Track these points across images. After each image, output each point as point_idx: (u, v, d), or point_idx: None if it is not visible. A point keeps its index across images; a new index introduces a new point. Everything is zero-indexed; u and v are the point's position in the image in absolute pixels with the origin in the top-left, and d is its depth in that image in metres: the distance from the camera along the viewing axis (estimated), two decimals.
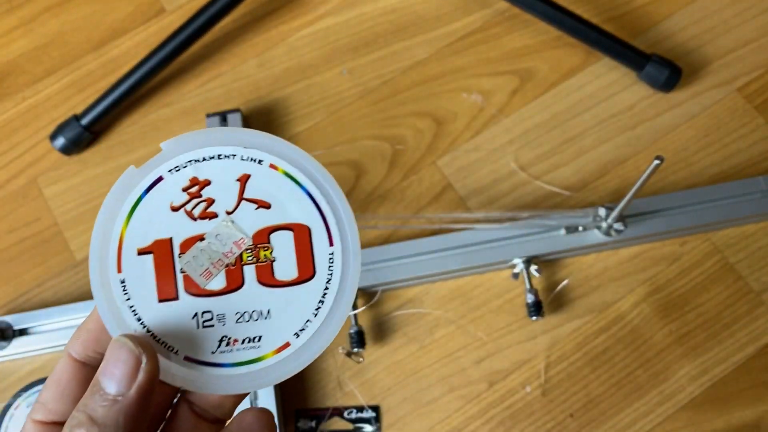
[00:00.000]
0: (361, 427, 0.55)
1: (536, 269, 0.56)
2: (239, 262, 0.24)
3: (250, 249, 0.24)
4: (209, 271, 0.24)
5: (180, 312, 0.24)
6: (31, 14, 0.74)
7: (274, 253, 0.24)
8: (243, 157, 0.24)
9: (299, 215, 0.24)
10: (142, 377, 0.22)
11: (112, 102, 0.65)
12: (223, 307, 0.24)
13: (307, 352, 0.24)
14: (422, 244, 0.58)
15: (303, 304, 0.24)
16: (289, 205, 0.24)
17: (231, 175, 0.24)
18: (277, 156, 0.24)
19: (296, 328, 0.24)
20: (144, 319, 0.24)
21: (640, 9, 0.68)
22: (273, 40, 0.70)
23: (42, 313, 0.59)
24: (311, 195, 0.25)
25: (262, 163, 0.24)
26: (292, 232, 0.24)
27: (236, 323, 0.24)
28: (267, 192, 0.24)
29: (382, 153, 0.64)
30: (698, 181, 0.60)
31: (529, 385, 0.55)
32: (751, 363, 0.55)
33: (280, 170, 0.24)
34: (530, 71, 0.66)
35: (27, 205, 0.66)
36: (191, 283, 0.24)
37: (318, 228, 0.25)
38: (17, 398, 0.57)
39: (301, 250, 0.24)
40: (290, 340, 0.24)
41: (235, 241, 0.24)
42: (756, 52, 0.65)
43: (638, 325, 0.56)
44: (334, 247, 0.25)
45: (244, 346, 0.24)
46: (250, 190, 0.24)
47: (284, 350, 0.24)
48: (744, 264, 0.57)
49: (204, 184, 0.24)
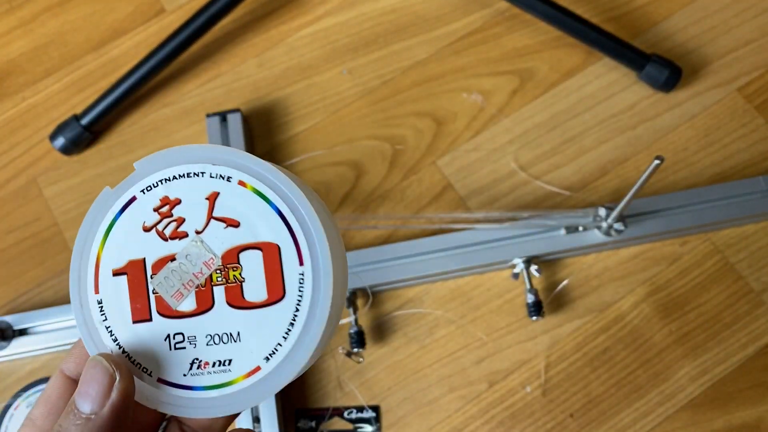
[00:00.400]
0: (361, 427, 0.55)
1: (536, 269, 0.56)
2: (209, 282, 0.23)
3: (220, 269, 0.24)
4: (180, 292, 0.24)
5: (153, 333, 0.24)
6: (31, 14, 0.74)
7: (244, 273, 0.23)
8: (212, 174, 0.24)
9: (268, 234, 0.23)
10: (115, 396, 0.22)
11: (112, 102, 0.65)
12: (194, 329, 0.24)
13: (278, 376, 0.24)
14: (422, 244, 0.58)
15: (273, 326, 0.23)
16: (258, 223, 0.23)
17: (200, 194, 0.24)
18: (246, 172, 0.24)
19: (266, 352, 0.24)
20: (120, 339, 0.24)
21: (640, 9, 0.68)
22: (273, 40, 0.70)
23: (42, 313, 0.59)
24: (281, 212, 0.24)
25: (231, 180, 0.24)
26: (261, 251, 0.23)
27: (207, 346, 0.24)
28: (236, 210, 0.24)
29: (382, 153, 0.64)
30: (698, 181, 0.60)
31: (529, 385, 0.55)
32: (751, 363, 0.55)
33: (249, 187, 0.24)
34: (530, 71, 0.66)
35: (27, 205, 0.66)
36: (163, 305, 0.24)
37: (287, 247, 0.23)
38: (17, 398, 0.57)
39: (271, 270, 0.23)
40: (260, 365, 0.24)
41: (204, 261, 0.23)
42: (756, 52, 0.65)
43: (638, 325, 0.56)
44: (304, 266, 0.23)
45: (215, 369, 0.24)
46: (219, 208, 0.24)
47: (255, 374, 0.24)
48: (744, 264, 0.57)
49: (174, 203, 0.24)
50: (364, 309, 0.58)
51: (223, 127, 0.63)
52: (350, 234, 0.60)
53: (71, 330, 0.58)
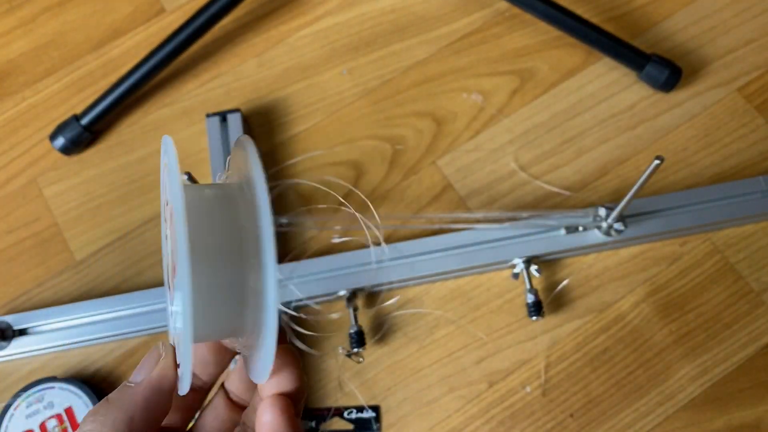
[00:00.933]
0: (362, 427, 0.55)
1: (536, 269, 0.56)
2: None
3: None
4: None
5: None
6: (31, 14, 0.74)
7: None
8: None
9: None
10: (155, 371, 0.26)
11: (112, 102, 0.65)
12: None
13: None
14: (422, 244, 0.58)
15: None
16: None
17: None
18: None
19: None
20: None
21: (640, 9, 0.68)
22: (273, 40, 0.70)
23: (42, 313, 0.59)
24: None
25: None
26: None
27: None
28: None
29: (382, 153, 0.64)
30: (698, 181, 0.60)
31: (529, 385, 0.55)
32: (751, 363, 0.55)
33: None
34: (530, 71, 0.66)
35: (27, 205, 0.66)
36: None
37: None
38: (17, 398, 0.57)
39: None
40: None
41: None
42: (756, 52, 0.65)
43: (638, 325, 0.56)
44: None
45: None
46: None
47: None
48: (744, 264, 0.57)
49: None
50: (364, 309, 0.58)
51: (223, 127, 0.63)
52: (350, 234, 0.60)
53: (71, 330, 0.58)
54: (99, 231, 0.64)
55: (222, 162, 0.62)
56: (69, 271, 0.63)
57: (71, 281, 0.62)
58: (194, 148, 0.66)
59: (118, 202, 0.65)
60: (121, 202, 0.65)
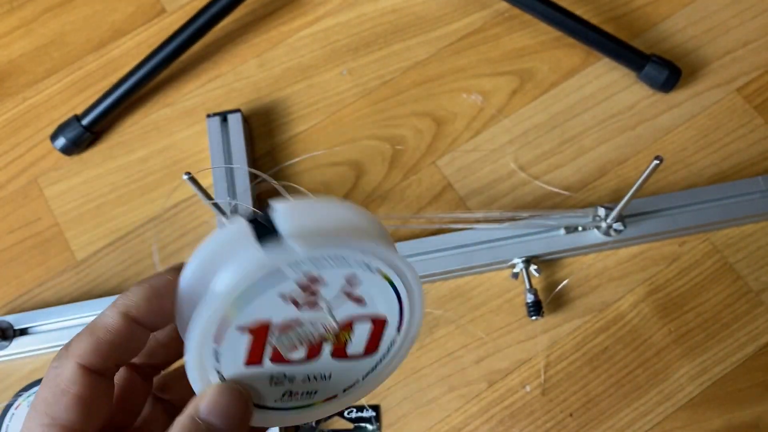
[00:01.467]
0: (361, 426, 0.55)
1: (536, 269, 0.56)
2: (321, 339, 0.26)
3: (335, 333, 0.26)
4: (296, 346, 0.26)
5: (259, 373, 0.26)
6: (32, 14, 0.74)
7: (352, 336, 0.27)
8: (357, 260, 0.25)
9: (384, 310, 0.27)
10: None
11: (113, 102, 0.65)
12: (296, 372, 0.26)
13: (347, 399, 0.28)
14: (422, 244, 0.58)
15: (358, 371, 0.28)
16: (379, 302, 0.26)
17: (341, 273, 0.25)
18: (384, 261, 0.25)
19: (346, 386, 0.28)
20: (226, 375, 0.26)
21: (640, 9, 0.68)
22: (273, 41, 0.70)
23: (42, 313, 0.59)
24: (399, 296, 0.26)
25: (370, 266, 0.25)
26: (372, 322, 0.27)
27: (302, 382, 0.27)
28: (365, 290, 0.26)
29: (382, 153, 0.64)
30: (698, 181, 0.61)
31: (528, 384, 0.56)
32: (751, 363, 0.55)
33: (381, 274, 0.26)
34: (530, 71, 0.66)
35: (27, 205, 0.66)
36: (278, 355, 0.26)
37: (393, 320, 0.27)
38: (18, 398, 0.57)
39: (374, 335, 0.27)
40: (338, 394, 0.28)
41: (325, 326, 0.26)
42: (755, 52, 0.65)
43: (638, 325, 0.56)
44: (399, 334, 0.27)
45: (301, 397, 0.27)
46: (353, 287, 0.25)
47: (332, 400, 0.28)
48: (743, 264, 0.58)
49: (317, 280, 0.25)
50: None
51: (223, 127, 0.63)
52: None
53: (71, 330, 0.58)
54: (100, 231, 0.64)
55: (222, 162, 0.62)
56: (70, 271, 0.63)
57: (72, 281, 0.62)
58: (195, 148, 0.66)
59: (118, 202, 0.65)
60: (121, 202, 0.65)
